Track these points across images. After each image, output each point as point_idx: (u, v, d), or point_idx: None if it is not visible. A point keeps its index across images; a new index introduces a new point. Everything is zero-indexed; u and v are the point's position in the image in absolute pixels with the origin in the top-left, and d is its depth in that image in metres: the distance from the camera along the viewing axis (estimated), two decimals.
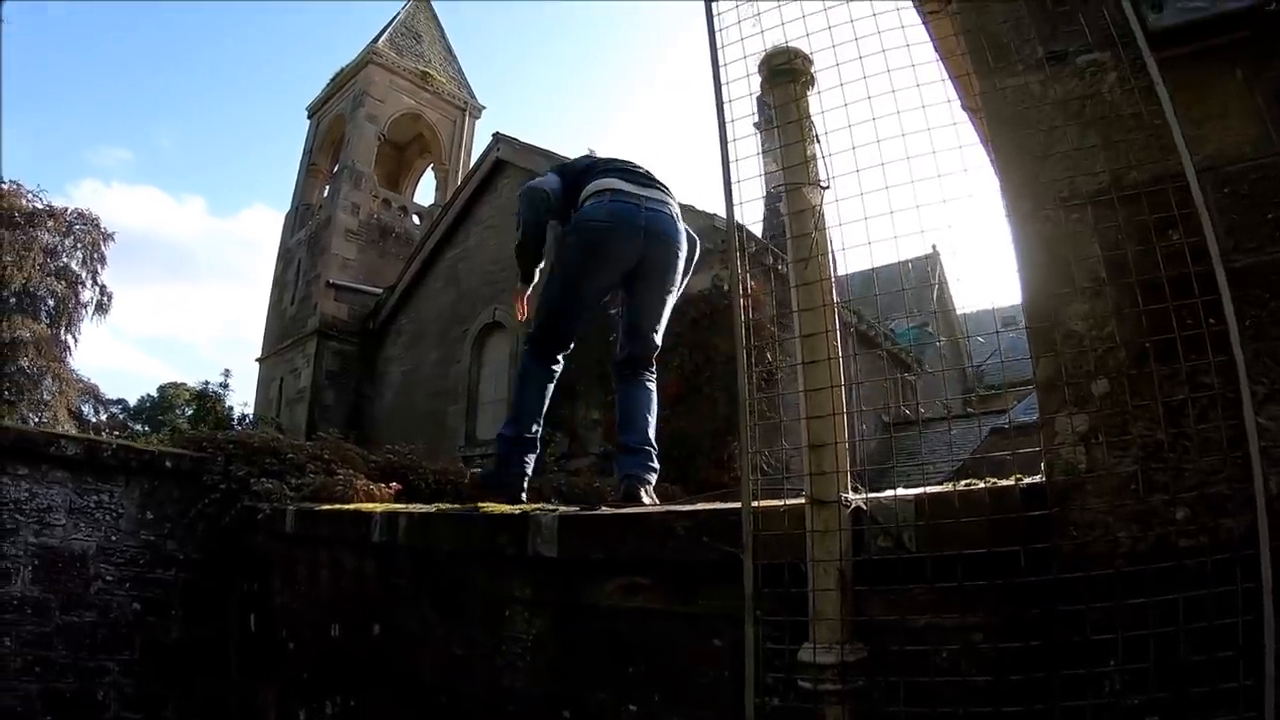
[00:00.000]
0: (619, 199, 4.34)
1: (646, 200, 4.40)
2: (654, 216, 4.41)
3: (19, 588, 6.53)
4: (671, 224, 4.52)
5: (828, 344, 2.33)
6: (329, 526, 5.67)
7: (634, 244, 4.38)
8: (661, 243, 4.47)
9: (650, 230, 4.39)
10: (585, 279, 4.49)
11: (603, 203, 4.33)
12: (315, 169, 23.91)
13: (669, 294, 4.65)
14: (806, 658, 2.21)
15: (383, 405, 18.63)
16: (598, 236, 4.32)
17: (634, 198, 4.36)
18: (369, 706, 4.82)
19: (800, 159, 2.49)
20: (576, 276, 4.46)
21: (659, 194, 4.51)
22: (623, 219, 4.31)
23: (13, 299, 29.55)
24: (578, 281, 4.48)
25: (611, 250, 4.37)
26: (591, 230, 4.31)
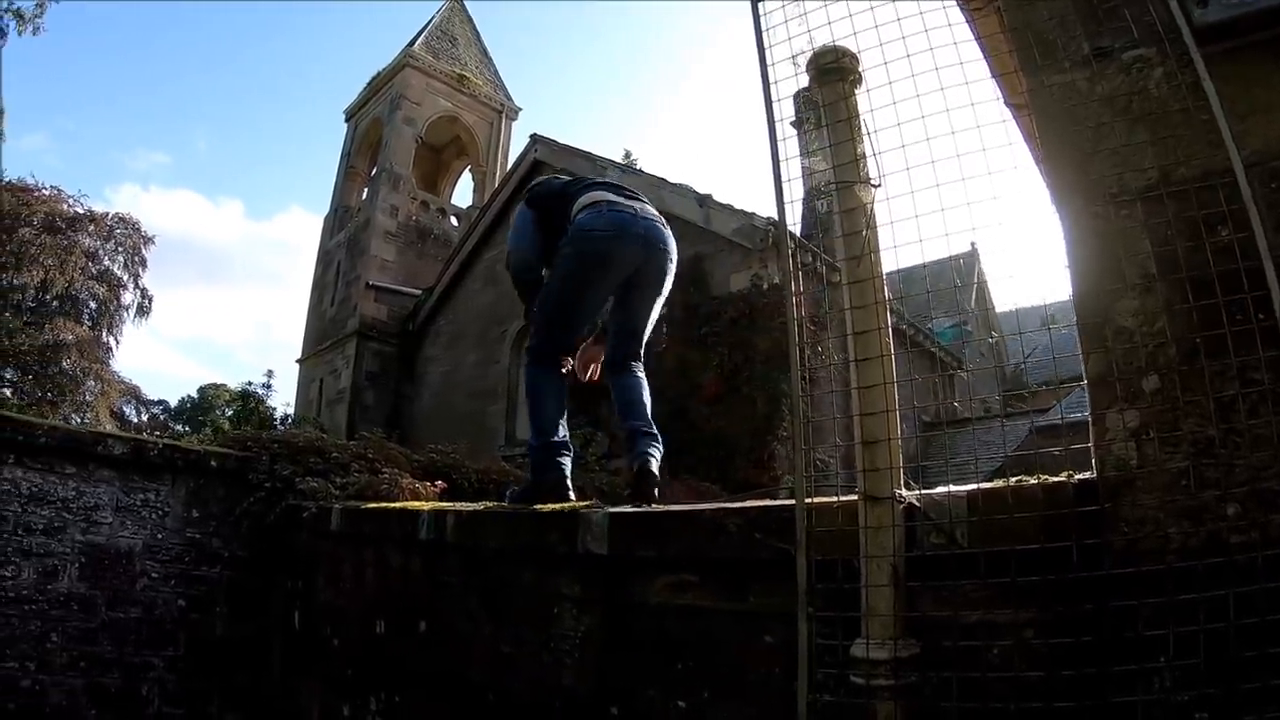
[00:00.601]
0: (615, 209, 4.40)
1: (641, 210, 4.48)
2: (650, 225, 4.49)
3: (66, 584, 6.63)
4: (666, 232, 4.62)
5: (880, 341, 2.35)
6: (375, 524, 5.72)
7: (634, 251, 4.45)
8: (660, 251, 4.55)
9: (649, 238, 4.47)
10: (588, 289, 4.54)
11: (600, 213, 4.37)
12: (353, 172, 24.05)
13: (661, 297, 4.73)
14: (859, 653, 2.22)
15: (422, 406, 18.70)
16: (601, 245, 4.36)
17: (629, 208, 4.44)
18: (413, 704, 4.86)
19: (850, 157, 2.50)
20: (579, 287, 4.50)
21: (649, 208, 4.61)
22: (624, 227, 4.37)
23: (55, 302, 29.83)
24: (580, 291, 4.52)
25: (614, 258, 4.41)
26: (593, 240, 4.34)
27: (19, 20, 14.36)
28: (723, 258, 11.63)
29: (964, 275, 20.32)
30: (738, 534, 2.86)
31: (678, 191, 12.66)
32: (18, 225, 27.35)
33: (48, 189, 29.11)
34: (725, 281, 11.43)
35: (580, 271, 4.43)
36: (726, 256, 11.58)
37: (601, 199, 4.44)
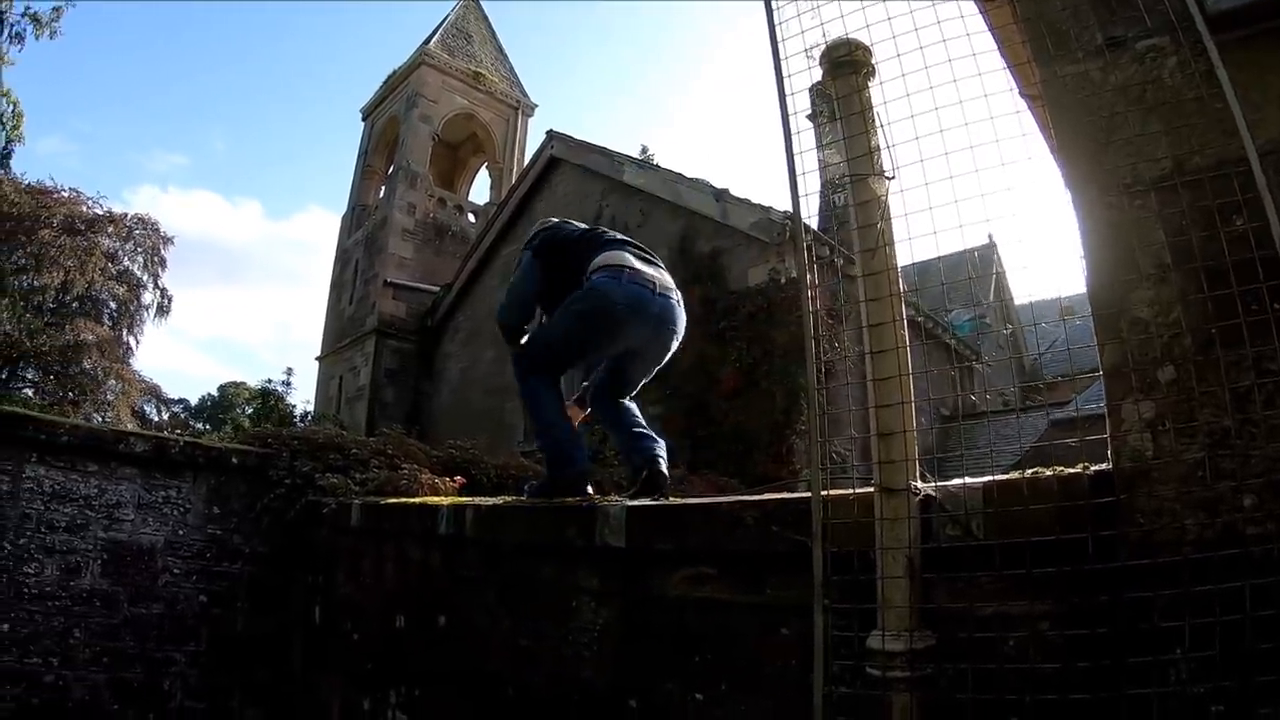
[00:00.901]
0: (637, 281, 4.33)
1: (659, 286, 4.42)
2: (665, 304, 4.44)
3: (88, 581, 6.69)
4: (679, 312, 4.57)
5: (895, 333, 2.35)
6: (395, 519, 5.75)
7: (645, 330, 4.43)
8: (669, 332, 4.53)
9: (661, 318, 4.44)
10: (588, 349, 4.59)
11: (620, 282, 4.30)
12: (370, 170, 24.09)
13: (659, 366, 4.75)
14: (875, 645, 2.23)
15: (441, 402, 18.75)
16: (614, 316, 4.32)
17: (649, 282, 4.37)
18: (433, 697, 4.88)
19: (864, 150, 2.50)
20: (580, 344, 4.52)
21: (666, 276, 4.57)
22: (639, 306, 4.32)
23: (75, 303, 30.05)
24: (580, 348, 4.56)
25: (624, 333, 4.41)
26: (608, 309, 4.30)
27: (36, 25, 14.48)
28: (740, 252, 11.62)
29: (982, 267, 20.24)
30: (755, 526, 2.87)
31: (694, 186, 12.65)
32: (37, 227, 27.50)
33: (67, 191, 29.29)
34: (743, 276, 11.41)
35: (585, 333, 4.44)
36: (744, 251, 11.56)
37: (623, 264, 4.36)
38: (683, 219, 12.64)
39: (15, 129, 13.62)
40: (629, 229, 13.38)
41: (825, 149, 2.72)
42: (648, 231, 13.13)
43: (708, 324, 11.32)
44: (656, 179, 13.55)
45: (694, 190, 12.62)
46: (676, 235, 12.57)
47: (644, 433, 4.56)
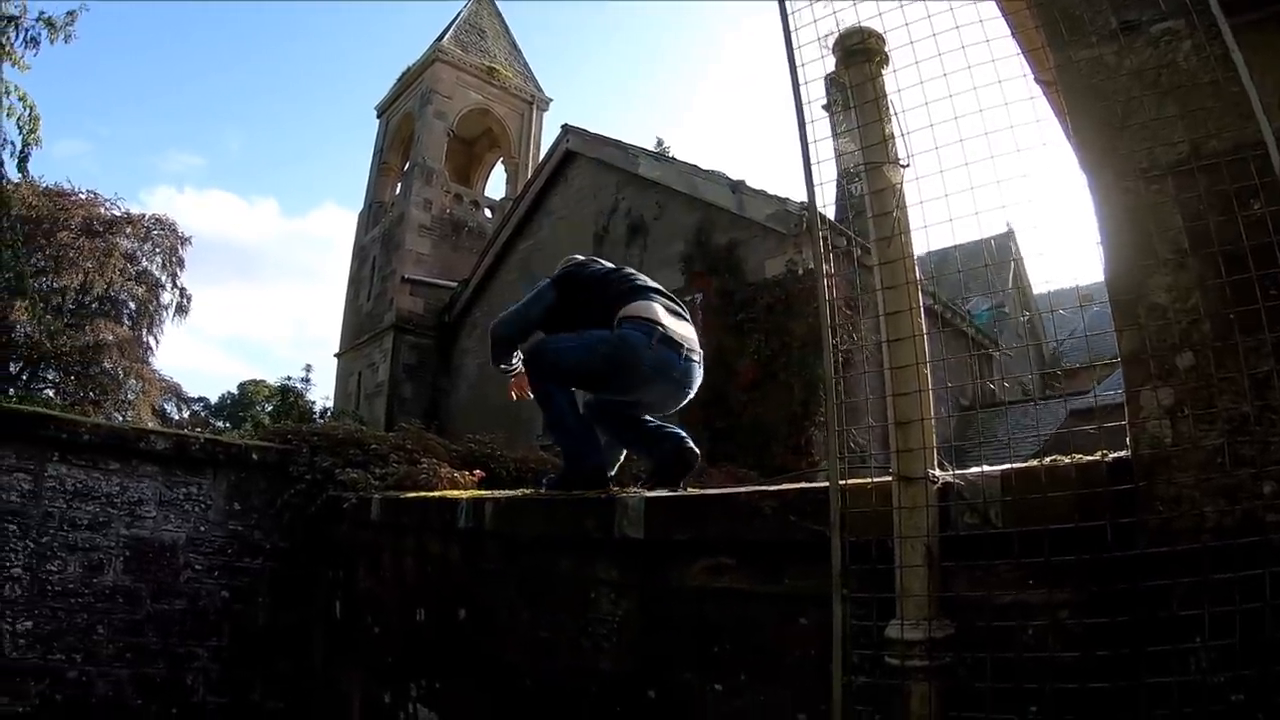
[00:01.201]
0: (668, 343, 4.29)
1: (686, 349, 4.38)
2: (688, 368, 4.42)
3: (111, 578, 6.76)
4: (699, 373, 4.55)
5: (912, 321, 2.34)
6: (414, 514, 5.77)
7: (664, 389, 4.44)
8: (685, 393, 4.52)
9: (682, 383, 4.44)
10: (602, 389, 4.59)
11: (650, 342, 4.24)
12: (386, 167, 24.13)
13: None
14: (894, 634, 2.22)
15: (459, 397, 18.76)
16: (638, 376, 4.30)
17: (678, 345, 4.33)
18: (453, 690, 4.90)
19: (879, 138, 2.49)
20: (598, 382, 4.51)
21: (692, 332, 4.54)
22: (664, 370, 4.30)
23: (95, 304, 30.32)
24: (596, 384, 4.55)
25: (642, 390, 4.42)
26: (633, 368, 4.26)
27: (50, 29, 14.49)
28: (757, 244, 11.59)
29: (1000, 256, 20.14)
30: (773, 516, 2.87)
31: (710, 178, 12.62)
32: (56, 229, 27.78)
33: (84, 193, 29.61)
34: (760, 268, 11.38)
35: (604, 376, 4.42)
36: (761, 242, 11.53)
37: (655, 320, 4.30)
38: (699, 211, 12.60)
39: (32, 132, 13.61)
40: (645, 222, 13.40)
41: (840, 138, 2.71)
42: (664, 224, 13.13)
43: (725, 316, 11.31)
44: (672, 171, 13.52)
45: (710, 182, 12.58)
46: (693, 227, 12.55)
47: (663, 424, 4.59)
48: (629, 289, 4.50)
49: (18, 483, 6.55)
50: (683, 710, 3.22)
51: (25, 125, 14.11)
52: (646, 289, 4.54)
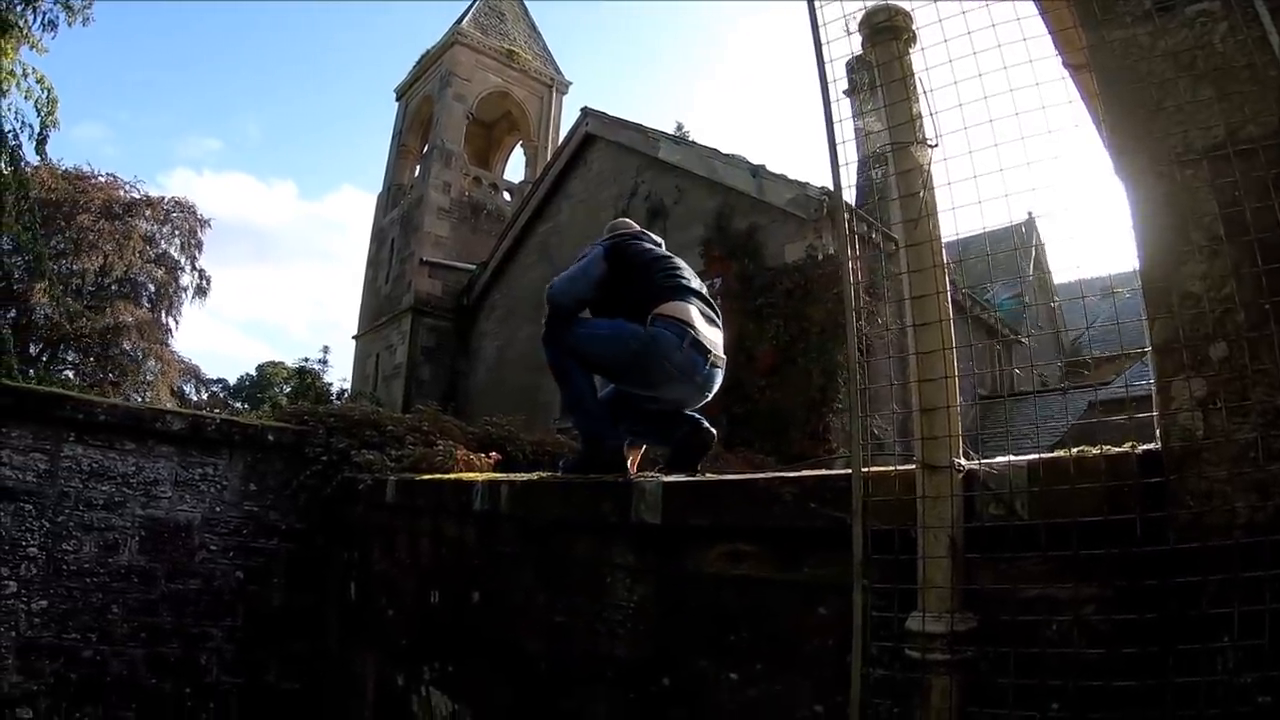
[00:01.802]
0: (698, 348, 4.25)
1: (713, 356, 4.35)
2: (712, 374, 4.39)
3: (126, 557, 6.80)
4: (719, 378, 4.50)
5: (939, 305, 2.29)
6: (430, 496, 5.75)
7: (685, 391, 4.40)
8: (705, 394, 4.48)
9: (704, 387, 4.41)
10: (625, 381, 4.52)
11: (681, 345, 4.20)
12: (405, 149, 24.14)
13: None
14: (915, 626, 2.18)
15: (477, 380, 18.78)
16: (662, 375, 4.26)
17: (705, 350, 4.29)
18: (467, 672, 4.89)
19: (906, 117, 2.44)
20: (621, 373, 4.45)
21: (720, 338, 4.50)
22: (689, 374, 4.27)
23: (114, 286, 30.63)
24: (619, 375, 4.49)
25: (664, 389, 4.38)
26: (659, 368, 4.22)
27: (68, 12, 14.47)
28: (777, 229, 11.51)
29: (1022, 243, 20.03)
30: (793, 503, 2.82)
31: (730, 163, 12.55)
32: (76, 212, 28.05)
33: (104, 176, 30.01)
34: (780, 253, 11.30)
35: (629, 370, 4.38)
36: (780, 227, 11.45)
37: (688, 322, 4.26)
38: (719, 195, 12.54)
39: (50, 114, 13.61)
40: (665, 206, 13.33)
41: (865, 117, 2.66)
42: (683, 207, 13.06)
43: (745, 301, 11.25)
44: (692, 155, 13.45)
45: (730, 166, 12.51)
46: (713, 212, 12.49)
47: (679, 410, 4.55)
48: (670, 287, 4.43)
49: (34, 463, 6.59)
50: (698, 698, 3.19)
51: (43, 108, 14.12)
52: (687, 289, 4.47)
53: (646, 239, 4.81)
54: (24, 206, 14.94)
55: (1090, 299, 2.47)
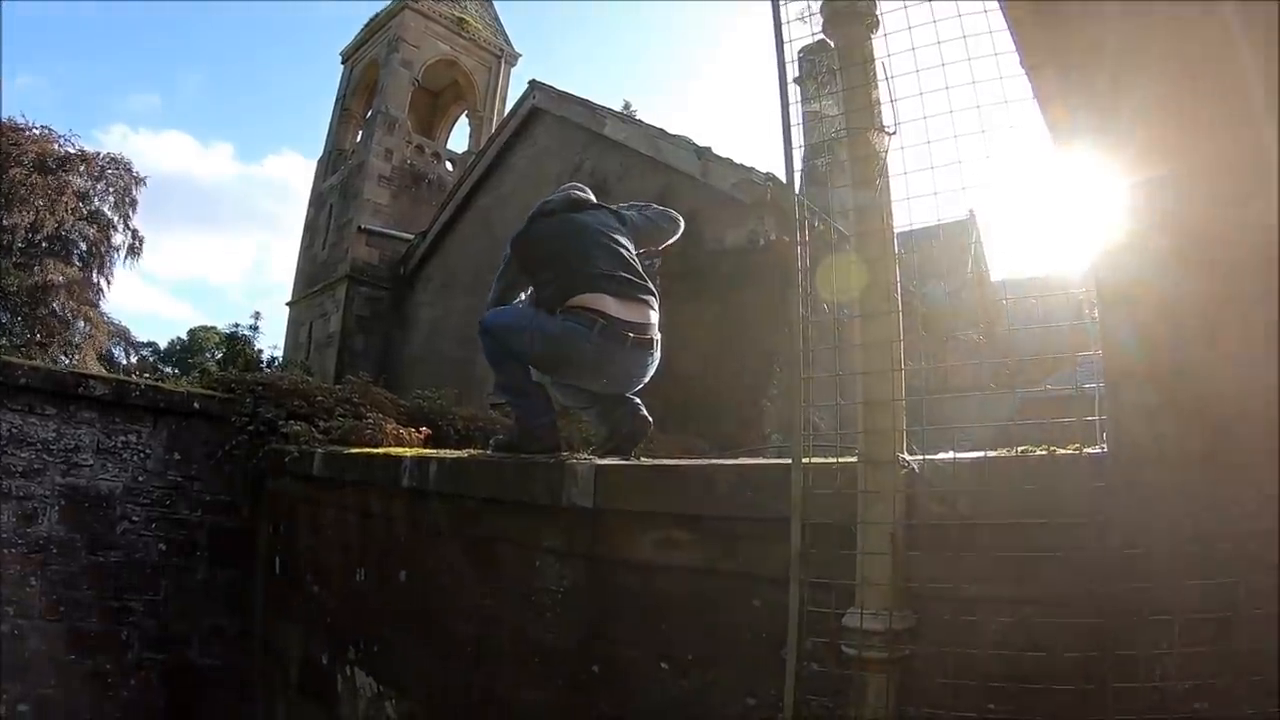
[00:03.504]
0: (608, 337, 4.13)
1: (634, 337, 4.21)
2: (635, 356, 4.29)
3: (45, 528, 6.62)
4: (651, 357, 4.39)
5: (888, 296, 2.25)
6: (358, 470, 5.64)
7: (609, 376, 4.34)
8: (634, 377, 4.40)
9: (629, 370, 4.34)
10: (553, 376, 4.46)
11: (590, 334, 4.10)
12: (348, 114, 23.79)
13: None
14: (852, 623, 2.15)
15: (411, 351, 18.58)
16: (577, 369, 4.29)
17: (621, 336, 4.17)
18: (393, 652, 4.82)
19: (865, 102, 2.38)
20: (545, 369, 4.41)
21: (647, 315, 4.36)
22: (606, 363, 4.20)
23: (45, 243, 29.97)
24: (544, 370, 4.42)
25: (588, 379, 4.38)
26: (572, 361, 4.22)
27: None
28: (718, 212, 11.43)
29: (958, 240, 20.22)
30: (729, 491, 2.78)
31: (676, 143, 12.47)
32: (8, 165, 27.46)
33: (38, 129, 29.36)
34: (720, 236, 11.23)
35: (547, 364, 4.34)
36: (723, 211, 11.38)
37: (599, 311, 4.14)
38: (663, 176, 12.45)
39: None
40: (608, 182, 13.22)
41: (822, 100, 2.60)
42: (626, 186, 12.97)
43: (684, 283, 11.21)
44: (638, 134, 13.37)
45: (675, 147, 12.44)
46: (656, 192, 12.39)
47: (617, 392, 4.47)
48: (584, 275, 4.28)
49: None
50: (627, 686, 3.15)
51: None
52: (600, 276, 4.28)
53: (571, 216, 4.63)
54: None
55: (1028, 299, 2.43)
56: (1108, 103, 2.14)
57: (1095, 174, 2.16)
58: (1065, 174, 2.21)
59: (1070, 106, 2.24)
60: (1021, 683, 1.97)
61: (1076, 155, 2.21)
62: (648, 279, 4.42)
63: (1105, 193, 2.14)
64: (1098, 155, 2.17)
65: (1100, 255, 2.14)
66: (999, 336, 15.92)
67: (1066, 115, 2.22)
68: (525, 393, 4.38)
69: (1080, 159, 2.20)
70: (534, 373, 4.39)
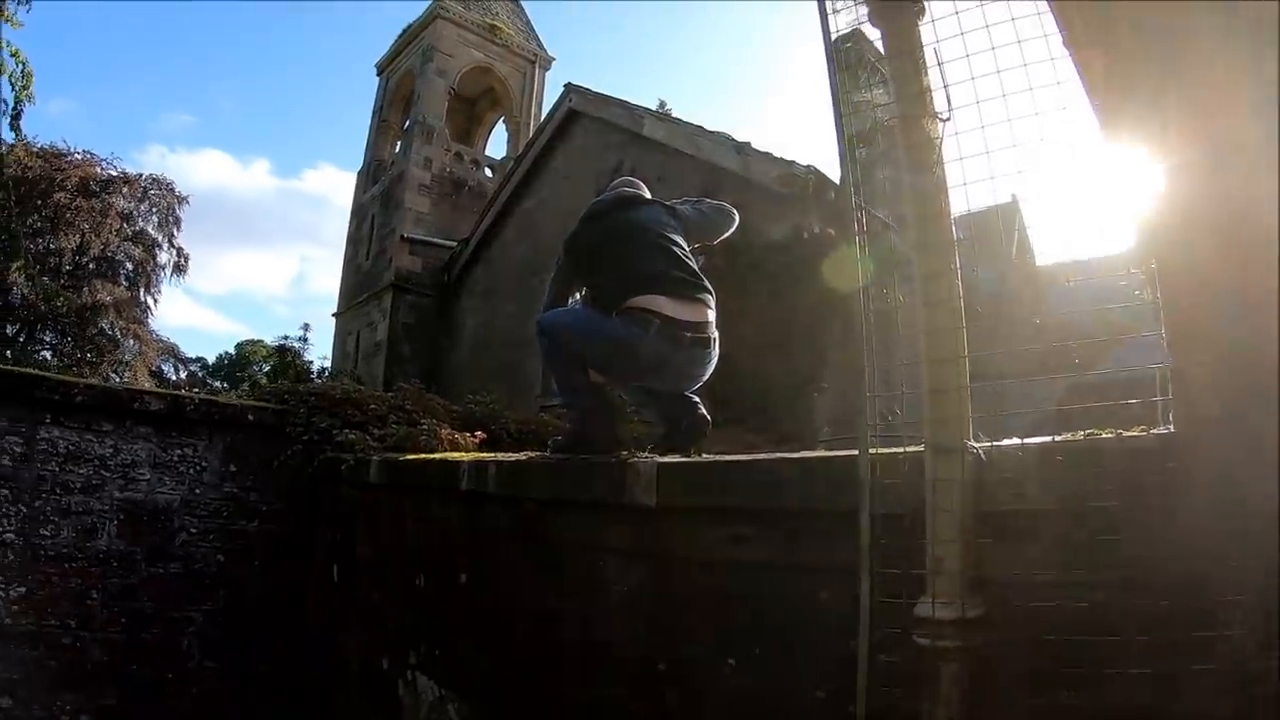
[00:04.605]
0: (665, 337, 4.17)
1: (691, 336, 4.25)
2: (692, 356, 4.33)
3: (105, 541, 6.73)
4: (708, 355, 4.42)
5: (951, 284, 2.23)
6: (414, 476, 5.68)
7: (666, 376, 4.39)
8: (693, 375, 4.45)
9: (685, 369, 4.39)
10: (610, 376, 4.53)
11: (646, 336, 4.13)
12: (386, 125, 24.00)
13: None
14: (924, 613, 2.13)
15: (459, 357, 18.68)
16: (635, 370, 4.33)
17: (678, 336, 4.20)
18: (455, 656, 4.84)
19: (917, 89, 2.37)
20: (602, 370, 4.46)
21: (703, 313, 4.38)
22: (663, 363, 4.24)
23: (92, 264, 30.75)
24: (601, 371, 4.47)
25: (645, 379, 4.44)
26: (630, 362, 4.26)
27: None
28: (762, 206, 11.37)
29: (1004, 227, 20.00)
30: (795, 485, 2.77)
31: (715, 140, 12.45)
32: (52, 190, 28.14)
33: (80, 153, 30.18)
34: (765, 231, 11.15)
35: (604, 365, 4.39)
36: (766, 206, 11.32)
37: (654, 311, 4.15)
38: (704, 173, 12.41)
39: (25, 89, 13.51)
40: (648, 182, 13.20)
41: (873, 90, 2.59)
42: (667, 186, 12.93)
43: (731, 280, 11.17)
44: (677, 132, 13.35)
45: (715, 144, 12.41)
46: (697, 189, 12.32)
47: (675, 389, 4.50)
48: (634, 277, 4.30)
49: (10, 446, 6.50)
50: (694, 684, 3.14)
51: (17, 83, 14.02)
52: (652, 276, 4.29)
53: (624, 217, 4.66)
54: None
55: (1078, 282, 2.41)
56: (1156, 81, 2.12)
57: (1146, 154, 2.14)
58: (1115, 155, 2.18)
59: (1117, 87, 2.21)
60: (1096, 667, 1.95)
61: (1125, 135, 2.19)
62: (703, 277, 4.42)
63: (1159, 173, 2.11)
64: (1147, 135, 2.15)
65: (1159, 234, 2.11)
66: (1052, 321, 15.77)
67: (1113, 96, 2.20)
68: (583, 393, 4.40)
69: (1129, 139, 2.18)
70: (591, 373, 4.41)
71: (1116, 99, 2.19)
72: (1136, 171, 2.13)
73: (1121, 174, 2.16)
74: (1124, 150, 2.16)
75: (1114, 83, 2.21)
